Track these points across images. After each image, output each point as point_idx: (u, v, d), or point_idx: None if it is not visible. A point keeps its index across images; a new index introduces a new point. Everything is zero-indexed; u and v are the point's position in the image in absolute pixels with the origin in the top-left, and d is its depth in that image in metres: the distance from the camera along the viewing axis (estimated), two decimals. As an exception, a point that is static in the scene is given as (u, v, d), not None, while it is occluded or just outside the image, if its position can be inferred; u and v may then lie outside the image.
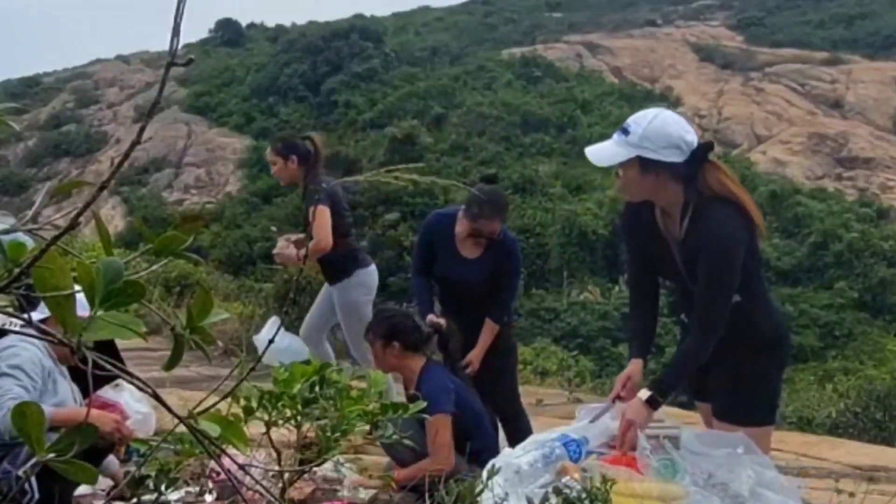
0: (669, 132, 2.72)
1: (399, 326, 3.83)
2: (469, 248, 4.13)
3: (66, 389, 3.12)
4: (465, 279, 4.11)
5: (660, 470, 2.73)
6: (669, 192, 2.78)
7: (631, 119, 2.78)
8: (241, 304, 11.84)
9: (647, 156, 2.69)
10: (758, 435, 2.89)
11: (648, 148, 2.69)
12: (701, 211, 2.75)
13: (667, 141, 2.70)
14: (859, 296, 31.92)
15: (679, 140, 2.72)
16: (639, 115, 2.79)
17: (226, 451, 1.08)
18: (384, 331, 3.83)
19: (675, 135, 2.72)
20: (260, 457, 2.80)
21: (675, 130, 2.73)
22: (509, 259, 4.17)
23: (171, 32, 0.85)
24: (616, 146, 2.75)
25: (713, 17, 67.25)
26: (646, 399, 2.77)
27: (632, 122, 2.75)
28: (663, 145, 2.70)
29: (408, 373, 3.85)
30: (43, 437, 0.88)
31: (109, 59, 72.59)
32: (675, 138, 2.71)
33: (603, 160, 2.78)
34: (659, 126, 2.72)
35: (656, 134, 2.70)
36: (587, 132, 49.56)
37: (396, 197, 32.63)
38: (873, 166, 45.34)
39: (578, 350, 23.14)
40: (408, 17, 76.59)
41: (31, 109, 57.98)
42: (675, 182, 2.75)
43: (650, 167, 2.72)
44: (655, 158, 2.69)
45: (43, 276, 0.88)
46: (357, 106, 55.20)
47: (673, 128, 2.74)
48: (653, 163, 2.70)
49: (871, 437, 8.55)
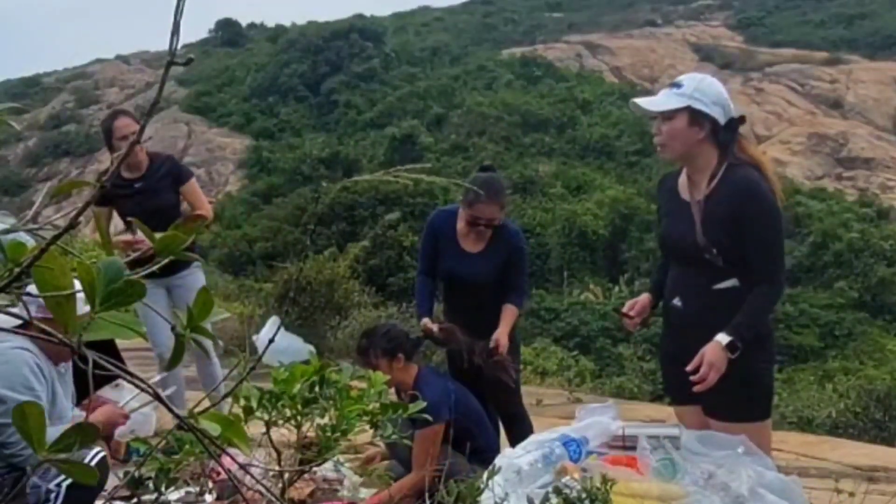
0: (720, 90, 2.90)
1: (399, 339, 3.86)
2: (472, 242, 4.09)
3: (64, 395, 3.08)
4: (470, 274, 4.08)
5: (660, 470, 2.73)
6: (705, 153, 2.88)
7: (682, 77, 2.94)
8: (241, 304, 11.85)
9: (698, 107, 2.82)
10: (758, 430, 2.89)
11: (701, 100, 2.82)
12: (730, 174, 2.85)
13: (718, 97, 2.86)
14: (859, 295, 31.90)
15: (726, 101, 2.89)
16: (687, 75, 2.97)
17: (226, 450, 1.08)
18: (387, 347, 3.82)
19: (724, 94, 2.90)
20: (260, 457, 2.80)
21: (723, 91, 2.92)
22: (515, 250, 4.11)
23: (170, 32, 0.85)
24: (667, 97, 2.87)
25: (713, 17, 67.28)
26: (725, 344, 2.75)
27: (685, 78, 2.92)
28: (714, 100, 2.84)
29: (408, 379, 3.85)
30: (44, 437, 0.88)
31: (109, 59, 72.66)
32: (724, 98, 2.89)
33: (656, 105, 2.88)
34: (711, 83, 2.90)
35: (710, 88, 2.87)
36: (587, 132, 49.64)
37: (396, 197, 32.62)
38: (873, 166, 45.36)
39: (578, 350, 23.11)
40: (408, 17, 76.62)
41: (31, 109, 58.00)
42: (711, 144, 2.86)
43: (698, 119, 2.83)
44: (706, 112, 2.82)
45: (43, 275, 0.88)
46: (357, 106, 55.23)
47: (722, 88, 2.92)
48: (702, 115, 2.83)
49: (871, 437, 8.55)
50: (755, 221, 2.78)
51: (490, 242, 4.08)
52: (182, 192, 4.70)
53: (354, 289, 11.84)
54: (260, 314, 10.45)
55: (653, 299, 3.16)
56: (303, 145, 50.39)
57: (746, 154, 2.90)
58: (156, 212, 4.37)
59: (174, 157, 5.31)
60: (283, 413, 2.19)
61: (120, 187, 4.49)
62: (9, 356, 2.86)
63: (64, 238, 0.92)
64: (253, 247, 35.92)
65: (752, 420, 2.90)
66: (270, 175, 48.35)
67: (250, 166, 50.79)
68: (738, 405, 2.87)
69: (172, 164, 4.82)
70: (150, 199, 4.50)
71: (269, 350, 1.28)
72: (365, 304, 11.87)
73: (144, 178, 4.59)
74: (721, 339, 2.75)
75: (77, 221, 0.93)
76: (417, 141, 46.44)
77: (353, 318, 10.79)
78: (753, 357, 2.85)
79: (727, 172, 2.85)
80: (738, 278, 2.83)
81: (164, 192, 4.61)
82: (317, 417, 2.23)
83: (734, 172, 2.84)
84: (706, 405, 2.92)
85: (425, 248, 4.28)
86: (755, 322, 2.82)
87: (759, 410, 2.94)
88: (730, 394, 2.84)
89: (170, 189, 4.64)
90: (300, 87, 57.25)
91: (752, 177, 2.82)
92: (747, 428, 2.86)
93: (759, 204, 2.78)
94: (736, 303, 2.80)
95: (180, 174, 4.75)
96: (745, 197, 2.78)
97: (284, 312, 9.23)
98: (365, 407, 2.25)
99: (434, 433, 3.57)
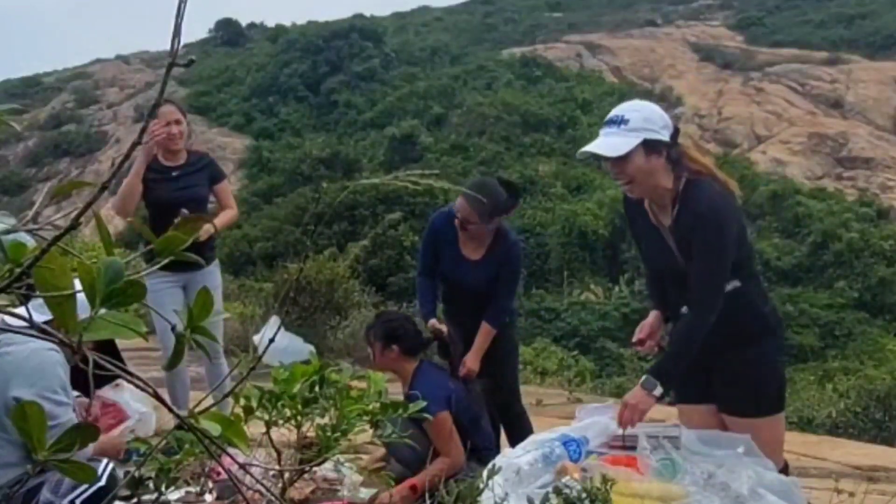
0: (661, 113, 2.87)
1: (399, 331, 3.85)
2: (472, 249, 4.09)
3: None
4: (467, 280, 4.08)
5: (660, 470, 2.73)
6: (665, 177, 2.84)
7: (620, 110, 2.84)
8: (241, 304, 11.84)
9: (653, 137, 2.77)
10: (774, 423, 2.92)
11: (652, 129, 2.78)
12: (688, 192, 2.81)
13: (663, 121, 2.83)
14: (859, 295, 31.89)
15: (667, 120, 2.86)
16: (626, 106, 2.87)
17: (226, 450, 1.08)
18: (384, 333, 3.84)
19: (664, 115, 2.87)
20: (260, 457, 2.80)
21: (661, 111, 2.89)
22: (509, 261, 4.11)
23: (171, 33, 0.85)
24: (619, 136, 2.79)
25: (713, 17, 67.24)
26: (641, 383, 2.78)
27: (626, 111, 2.82)
28: (662, 125, 2.81)
29: (404, 374, 3.87)
30: (44, 437, 0.88)
31: (109, 59, 72.61)
32: (665, 118, 2.86)
33: (615, 149, 2.79)
34: (652, 108, 2.87)
35: (654, 114, 2.82)
36: (587, 132, 49.53)
37: (397, 197, 32.60)
38: (873, 166, 45.33)
39: (578, 350, 23.12)
40: (408, 17, 76.58)
41: (31, 109, 57.96)
42: (668, 166, 2.83)
43: (654, 148, 2.79)
44: (658, 139, 2.78)
45: (43, 276, 0.88)
46: (357, 106, 55.20)
47: (659, 109, 2.90)
48: (655, 144, 2.78)
49: (871, 437, 8.55)
50: (699, 248, 2.78)
51: (489, 250, 4.08)
52: (215, 189, 4.82)
53: (354, 289, 11.84)
54: (260, 314, 10.45)
55: (661, 314, 3.10)
56: (303, 145, 50.36)
57: (694, 163, 2.86)
58: (187, 201, 4.49)
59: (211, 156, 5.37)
60: (283, 413, 2.19)
61: (156, 171, 4.58)
62: (42, 358, 2.79)
63: (64, 238, 0.92)
64: (253, 247, 35.92)
65: (768, 414, 2.92)
66: (270, 175, 48.33)
67: (250, 166, 50.75)
68: (754, 399, 2.89)
69: (210, 162, 4.94)
70: (183, 188, 4.60)
71: (269, 350, 1.28)
72: (365, 304, 11.87)
73: (183, 167, 4.68)
74: (642, 380, 2.80)
75: (78, 221, 0.93)
76: (417, 141, 46.42)
77: (353, 318, 10.79)
78: (767, 345, 2.90)
79: (685, 193, 2.82)
80: (738, 279, 2.84)
81: (199, 186, 4.71)
82: (317, 417, 2.23)
83: (690, 193, 2.81)
84: (721, 402, 2.93)
85: (425, 250, 4.27)
86: (679, 351, 2.82)
87: (775, 403, 2.96)
88: (745, 387, 2.87)
89: (205, 184, 4.74)
90: (300, 87, 57.22)
91: (703, 198, 2.78)
92: (764, 422, 2.88)
93: (704, 233, 2.76)
94: (740, 302, 2.82)
95: (217, 173, 4.88)
96: (696, 224, 2.77)
97: (284, 312, 9.23)
98: (365, 407, 2.25)
99: (442, 420, 3.59)
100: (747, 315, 2.85)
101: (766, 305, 2.95)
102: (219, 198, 4.89)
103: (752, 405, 2.89)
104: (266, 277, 22.51)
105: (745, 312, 2.84)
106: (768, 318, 2.93)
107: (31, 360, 2.77)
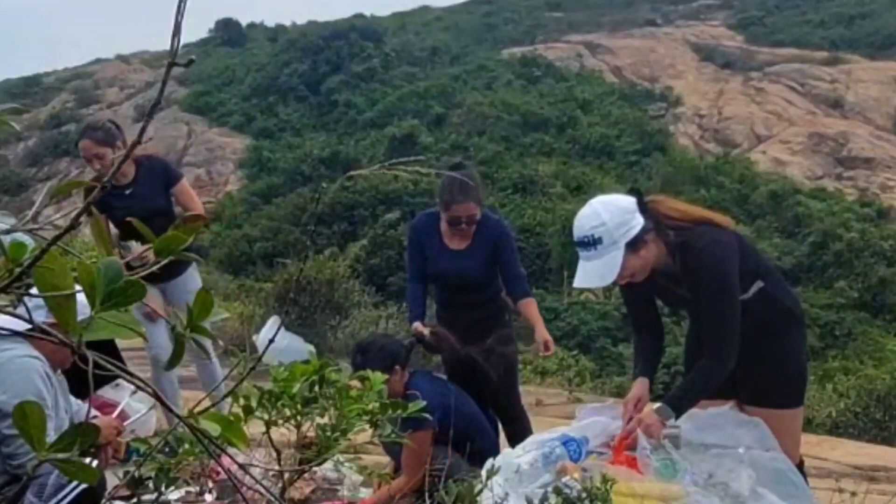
0: (622, 206, 2.77)
1: (392, 352, 3.83)
2: (457, 240, 4.08)
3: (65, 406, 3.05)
4: (458, 271, 4.06)
5: (660, 470, 2.73)
6: (658, 250, 2.82)
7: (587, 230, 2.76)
8: (241, 304, 11.85)
9: (630, 236, 2.72)
10: (794, 416, 2.96)
11: (626, 229, 2.73)
12: (686, 246, 2.80)
13: (630, 213, 2.75)
14: (859, 295, 31.93)
15: (630, 204, 2.77)
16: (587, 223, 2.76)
17: (226, 450, 1.08)
18: (385, 362, 3.79)
19: (626, 204, 2.77)
20: (260, 457, 2.80)
21: (622, 202, 2.79)
22: (499, 239, 4.09)
23: (171, 32, 0.85)
24: (603, 258, 2.75)
25: (713, 17, 67.29)
26: (655, 409, 2.81)
27: (594, 230, 2.74)
28: (630, 219, 2.74)
29: (398, 387, 3.83)
30: (44, 437, 0.88)
31: (109, 59, 72.67)
32: (630, 206, 2.76)
33: (604, 278, 2.78)
34: (613, 210, 2.75)
35: (619, 212, 2.74)
36: (587, 132, 49.63)
37: (396, 196, 32.63)
38: (873, 166, 45.36)
39: (578, 350, 23.12)
40: (408, 17, 76.61)
41: (32, 109, 57.99)
42: (656, 240, 2.80)
43: (637, 244, 2.75)
44: (636, 233, 2.74)
45: (43, 276, 0.88)
46: (357, 106, 55.25)
47: (619, 202, 2.79)
48: (636, 238, 2.74)
49: (871, 437, 8.56)
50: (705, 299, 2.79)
51: (474, 237, 4.07)
52: (173, 193, 4.56)
53: (354, 288, 11.87)
54: (260, 314, 10.46)
55: (647, 381, 3.02)
56: (303, 145, 50.44)
57: (671, 219, 2.83)
58: (149, 217, 4.30)
59: (161, 158, 5.18)
60: (282, 413, 2.18)
61: (111, 195, 4.37)
62: (18, 364, 2.77)
63: (64, 238, 0.92)
64: (253, 247, 35.96)
65: (790, 406, 2.95)
66: (270, 175, 48.39)
67: (250, 166, 50.80)
68: (778, 390, 2.92)
69: (161, 167, 4.68)
70: (141, 205, 4.34)
71: (269, 350, 1.28)
72: (365, 303, 11.89)
73: (134, 183, 4.48)
74: (656, 407, 2.82)
75: (77, 221, 0.93)
76: (417, 140, 46.45)
77: (353, 318, 10.81)
78: (792, 337, 2.94)
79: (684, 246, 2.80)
80: (761, 279, 2.89)
81: (156, 197, 4.50)
82: (317, 417, 2.23)
83: (690, 244, 2.79)
84: (744, 392, 2.95)
85: (412, 254, 4.26)
86: (689, 396, 2.84)
87: (797, 396, 2.99)
88: (770, 377, 2.89)
89: (161, 193, 4.52)
90: (300, 87, 57.27)
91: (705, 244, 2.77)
92: (785, 414, 2.92)
93: (711, 276, 2.75)
94: (770, 300, 2.87)
95: (170, 176, 4.60)
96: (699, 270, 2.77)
97: (284, 312, 9.23)
98: (365, 406, 2.25)
99: (419, 438, 3.51)
100: (773, 310, 2.90)
101: (788, 298, 3.00)
102: (179, 202, 4.60)
103: (775, 396, 2.92)
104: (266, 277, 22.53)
105: (771, 308, 2.89)
106: (793, 310, 2.98)
107: (6, 366, 2.75)
